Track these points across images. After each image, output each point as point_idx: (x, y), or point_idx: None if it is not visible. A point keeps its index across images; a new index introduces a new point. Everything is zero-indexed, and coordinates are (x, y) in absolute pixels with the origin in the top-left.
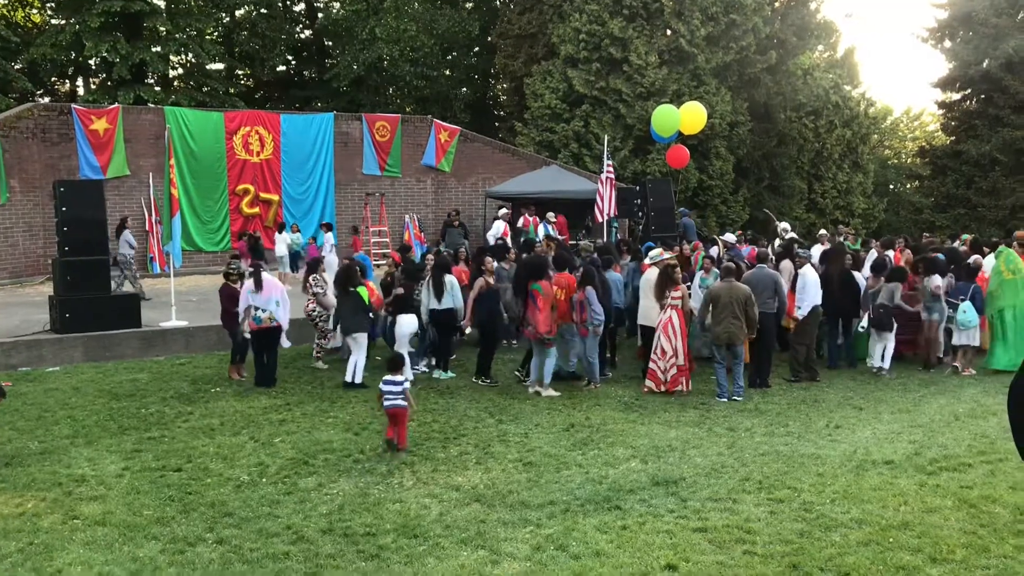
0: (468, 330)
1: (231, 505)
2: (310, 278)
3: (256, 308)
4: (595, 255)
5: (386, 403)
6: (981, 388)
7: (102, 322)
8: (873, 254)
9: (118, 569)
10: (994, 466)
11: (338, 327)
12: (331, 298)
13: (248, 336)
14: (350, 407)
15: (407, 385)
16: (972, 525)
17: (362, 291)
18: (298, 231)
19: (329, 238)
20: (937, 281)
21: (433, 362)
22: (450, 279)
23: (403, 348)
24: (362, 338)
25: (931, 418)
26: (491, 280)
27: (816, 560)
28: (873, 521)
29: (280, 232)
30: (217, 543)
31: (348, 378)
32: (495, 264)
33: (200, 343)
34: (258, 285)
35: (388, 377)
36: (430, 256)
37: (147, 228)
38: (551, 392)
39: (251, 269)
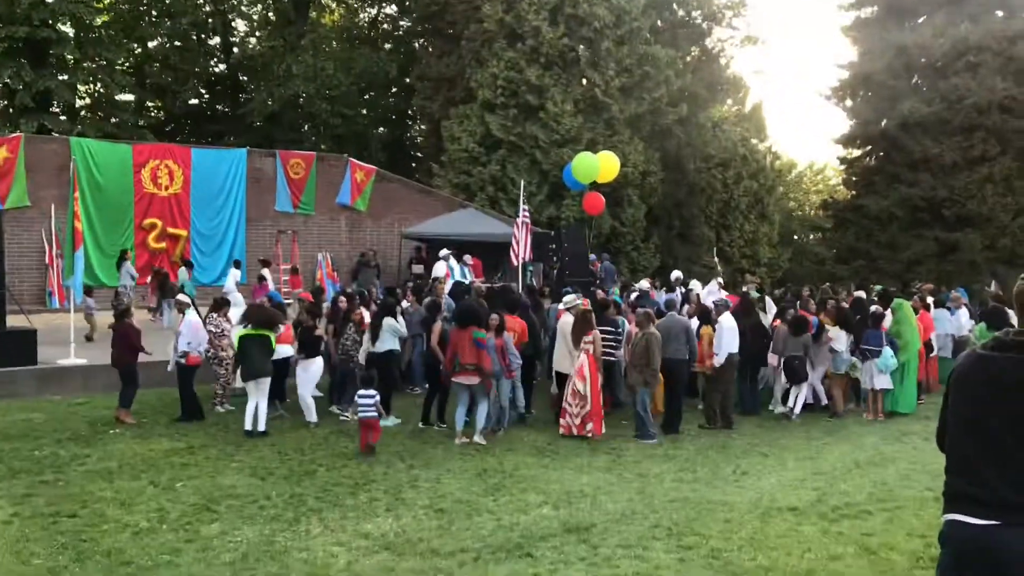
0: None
1: (129, 553)
2: (208, 316)
3: (200, 344)
4: (521, 296)
5: (360, 414)
6: (880, 436)
7: None
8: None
9: None
10: (892, 513)
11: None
12: (230, 339)
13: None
14: (256, 451)
15: (377, 398)
16: (872, 572)
17: (271, 336)
18: (191, 267)
19: (266, 274)
20: (833, 334)
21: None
22: (388, 322)
23: (307, 392)
24: (265, 384)
25: (833, 465)
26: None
27: None
28: (779, 568)
29: (236, 268)
30: None
31: (248, 426)
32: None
33: (99, 382)
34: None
35: (362, 391)
36: (342, 298)
37: (47, 262)
38: (481, 439)
39: (155, 305)
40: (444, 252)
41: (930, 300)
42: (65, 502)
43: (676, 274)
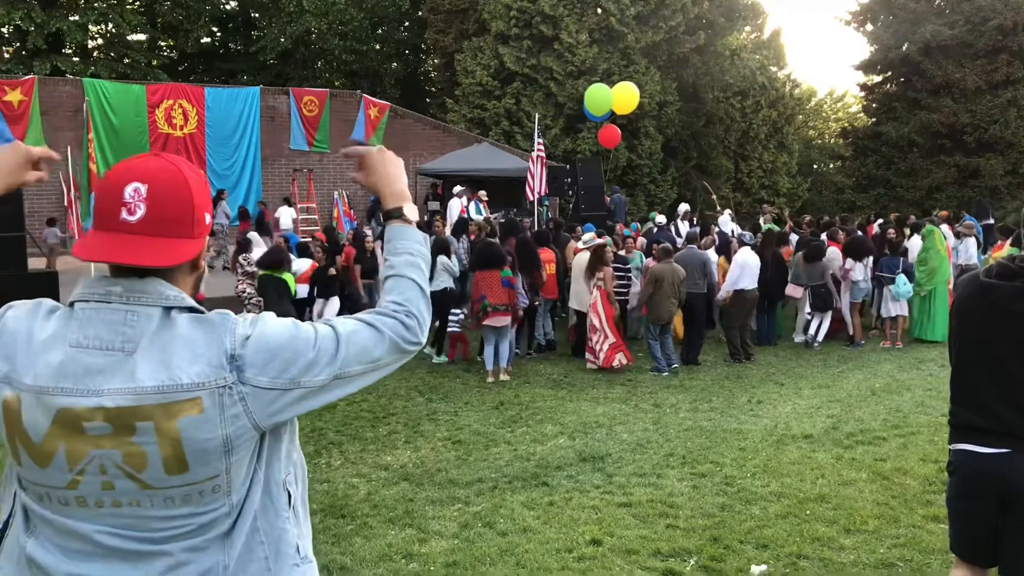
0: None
1: None
2: (240, 257)
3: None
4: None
5: (449, 329)
6: (897, 364)
7: (17, 301)
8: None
9: None
10: (906, 439)
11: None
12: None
13: None
14: None
15: (463, 316)
16: (884, 496)
17: (287, 277)
18: None
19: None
20: (849, 264)
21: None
22: (441, 260)
23: None
24: None
25: (849, 393)
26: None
27: (736, 533)
28: (791, 494)
29: (288, 206)
30: None
31: None
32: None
33: None
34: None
35: (453, 309)
36: (368, 238)
37: (65, 204)
38: (507, 376)
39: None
40: (458, 189)
41: (944, 228)
42: None
43: (684, 207)
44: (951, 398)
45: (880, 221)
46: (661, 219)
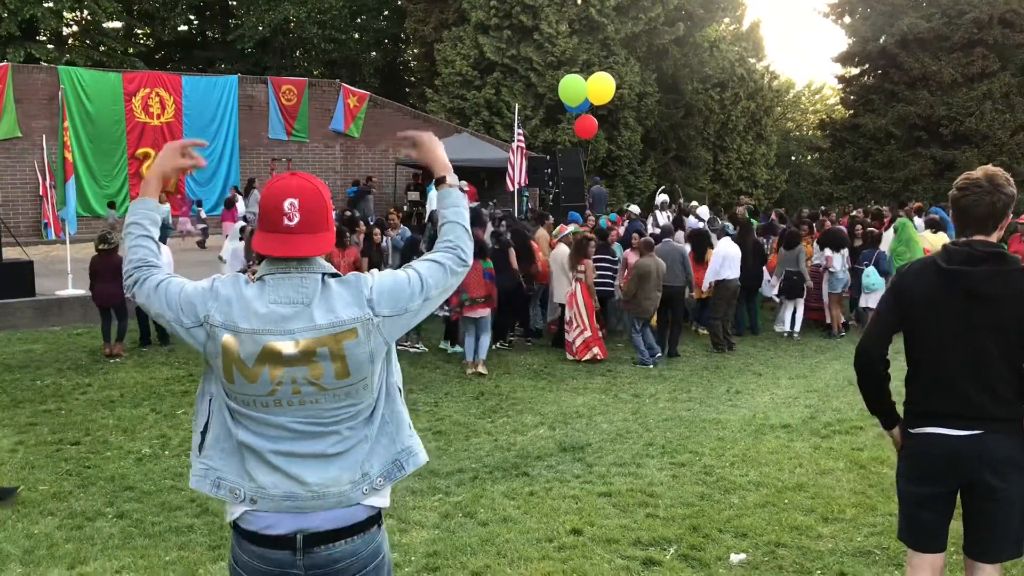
0: None
1: (132, 479)
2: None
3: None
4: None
5: None
6: None
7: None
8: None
9: (11, 547)
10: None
11: None
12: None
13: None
14: None
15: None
16: (862, 485)
17: None
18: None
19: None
20: (828, 253)
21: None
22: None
23: None
24: None
25: (826, 383)
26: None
27: (715, 522)
28: (770, 483)
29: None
30: (117, 517)
31: None
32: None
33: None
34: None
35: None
36: (377, 230)
37: (41, 193)
38: (484, 369)
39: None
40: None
41: (918, 220)
42: (68, 430)
43: (662, 198)
44: (915, 387)
45: (855, 214)
46: (635, 209)
